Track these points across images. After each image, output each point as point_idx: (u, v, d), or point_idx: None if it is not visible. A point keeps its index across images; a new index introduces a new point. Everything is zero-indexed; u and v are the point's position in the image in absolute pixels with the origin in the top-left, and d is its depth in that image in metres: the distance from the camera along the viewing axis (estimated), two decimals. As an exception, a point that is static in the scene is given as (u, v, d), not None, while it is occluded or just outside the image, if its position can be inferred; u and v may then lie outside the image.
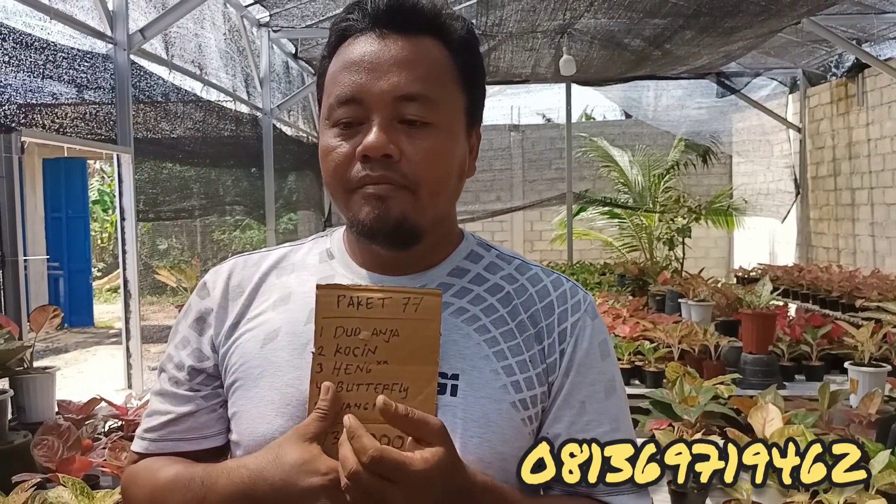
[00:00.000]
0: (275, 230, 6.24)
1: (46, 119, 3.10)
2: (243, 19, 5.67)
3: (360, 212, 0.91)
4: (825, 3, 4.97)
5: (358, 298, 0.85)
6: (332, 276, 0.99)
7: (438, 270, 0.99)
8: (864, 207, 7.15)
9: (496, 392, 0.92)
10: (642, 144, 10.68)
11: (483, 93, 1.02)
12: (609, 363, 0.98)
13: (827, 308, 4.95)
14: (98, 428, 2.29)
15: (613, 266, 7.23)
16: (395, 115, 0.90)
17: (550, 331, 0.96)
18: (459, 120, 0.96)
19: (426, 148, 0.90)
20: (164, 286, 4.18)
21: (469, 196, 11.18)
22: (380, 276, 0.97)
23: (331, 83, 0.94)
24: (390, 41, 0.92)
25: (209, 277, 1.04)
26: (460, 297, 0.97)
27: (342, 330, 0.85)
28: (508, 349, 0.94)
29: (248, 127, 5.94)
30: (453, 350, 0.92)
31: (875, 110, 6.93)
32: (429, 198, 0.92)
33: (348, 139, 0.91)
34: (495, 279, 0.99)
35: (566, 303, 0.98)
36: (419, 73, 0.91)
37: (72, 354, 8.30)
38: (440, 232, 0.99)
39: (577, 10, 5.50)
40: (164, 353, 1.04)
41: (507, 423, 0.91)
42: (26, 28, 2.99)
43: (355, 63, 0.92)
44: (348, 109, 0.91)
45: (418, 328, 0.85)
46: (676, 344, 3.34)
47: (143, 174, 4.02)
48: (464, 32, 0.97)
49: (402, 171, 0.90)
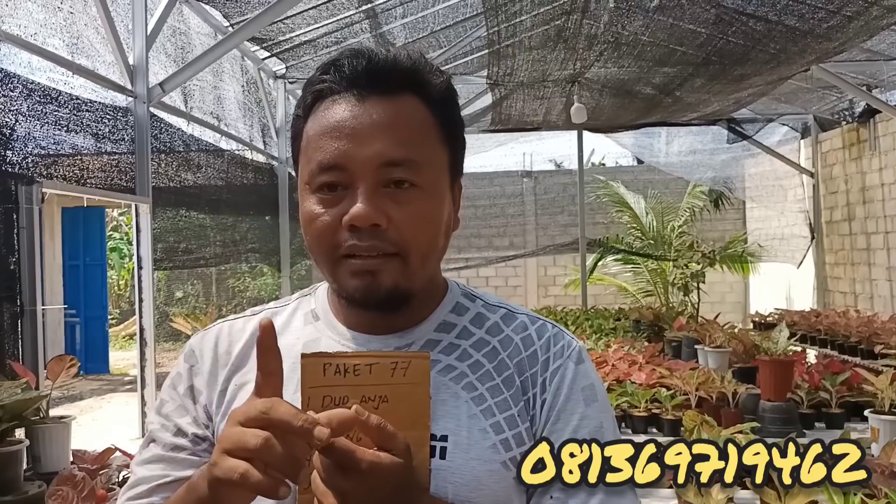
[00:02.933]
0: (289, 276, 6.28)
1: (67, 170, 3.17)
2: (260, 72, 5.81)
3: (347, 284, 0.89)
4: (833, 51, 5.03)
5: (345, 366, 0.82)
6: (318, 338, 0.96)
7: (426, 327, 0.96)
8: (880, 252, 7.10)
9: (486, 452, 0.89)
10: (655, 191, 10.72)
11: (463, 144, 0.99)
12: (596, 409, 0.93)
13: (845, 353, 4.88)
14: (112, 478, 2.28)
15: (628, 311, 7.19)
16: (380, 180, 0.88)
17: (535, 381, 0.93)
18: (444, 178, 0.94)
19: (413, 213, 0.88)
20: (179, 333, 4.20)
21: (482, 241, 11.23)
22: (366, 335, 0.95)
23: (311, 148, 0.91)
24: (370, 104, 0.89)
25: (195, 344, 1.01)
26: (447, 353, 0.94)
27: (330, 399, 0.82)
28: (496, 405, 0.91)
29: (264, 175, 6.04)
30: (441, 410, 0.89)
31: (888, 155, 6.94)
32: (419, 262, 0.90)
33: (332, 206, 0.88)
34: (481, 333, 0.97)
35: (549, 351, 0.95)
36: (402, 136, 0.88)
37: (87, 402, 8.30)
38: (428, 289, 0.97)
39: (587, 59, 5.59)
40: (153, 416, 1.00)
41: (499, 484, 0.88)
42: (50, 83, 3.08)
43: (336, 128, 0.88)
44: (331, 175, 0.88)
45: (407, 393, 0.83)
46: (693, 391, 3.30)
47: (161, 223, 4.08)
48: (443, 87, 0.94)
49: (390, 239, 0.87)
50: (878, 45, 5.54)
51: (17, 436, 2.30)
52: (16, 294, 2.65)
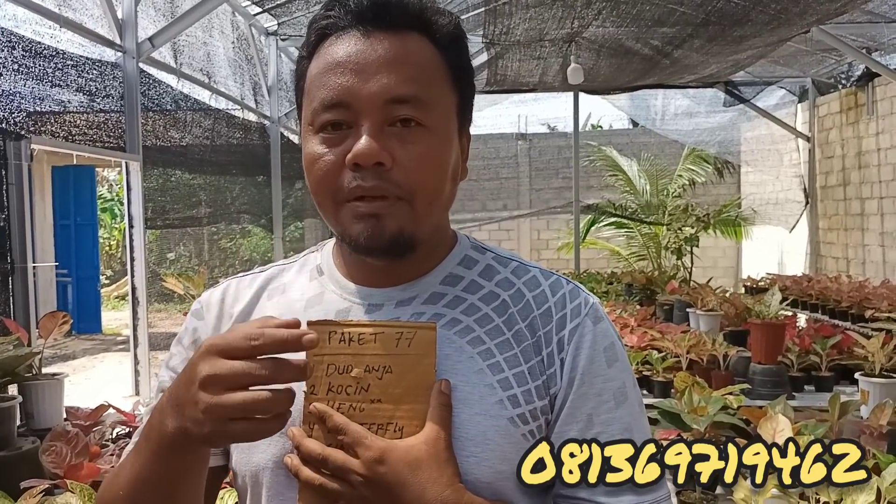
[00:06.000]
0: (282, 238, 6.26)
1: (55, 127, 3.12)
2: (252, 28, 5.70)
3: (351, 228, 0.87)
4: (835, 11, 4.96)
5: (349, 334, 0.82)
6: (322, 293, 0.95)
7: (430, 279, 0.93)
8: (873, 217, 7.11)
9: (492, 408, 0.86)
10: (650, 154, 10.68)
11: (473, 91, 0.96)
12: (617, 369, 0.91)
13: (836, 319, 4.92)
14: (106, 434, 2.29)
15: (621, 275, 7.22)
16: (386, 118, 0.85)
17: (549, 340, 0.90)
18: (452, 121, 0.90)
19: (420, 153, 0.85)
20: (171, 294, 4.19)
21: (476, 204, 11.20)
22: (369, 289, 0.93)
23: (313, 86, 0.88)
24: (376, 40, 0.86)
25: (204, 299, 1.01)
26: (453, 307, 0.91)
27: (334, 367, 0.81)
28: (505, 361, 0.88)
29: (255, 135, 5.97)
30: (445, 364, 0.86)
31: (885, 119, 6.91)
32: (425, 207, 0.87)
33: (335, 146, 0.86)
34: (490, 286, 0.93)
35: (564, 308, 0.91)
36: (409, 73, 0.85)
37: (80, 361, 8.32)
38: (434, 239, 0.94)
39: (585, 18, 5.50)
40: (162, 370, 1.00)
41: (506, 440, 0.86)
42: (36, 36, 3.01)
43: (340, 64, 0.85)
44: (334, 113, 0.85)
45: (412, 364, 0.82)
46: (685, 354, 3.32)
47: (151, 182, 4.04)
48: (452, 28, 0.91)
49: (395, 180, 0.84)
50: (879, 6, 5.46)
51: (10, 392, 2.30)
52: (6, 251, 2.62)
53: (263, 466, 0.88)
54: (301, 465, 0.81)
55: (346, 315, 0.91)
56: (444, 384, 0.84)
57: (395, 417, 0.82)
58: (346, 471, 0.79)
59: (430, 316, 0.90)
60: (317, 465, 0.80)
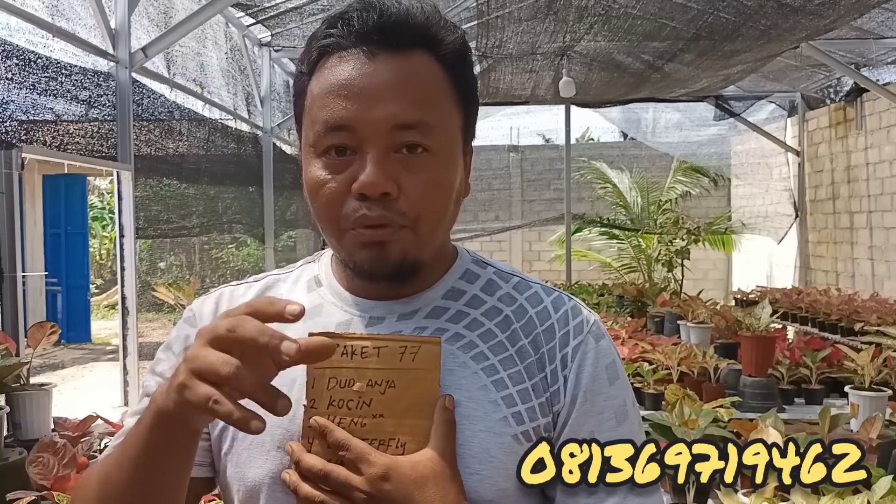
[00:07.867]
0: (273, 248, 6.24)
1: (48, 136, 3.11)
2: (245, 38, 5.71)
3: (356, 255, 0.85)
4: (824, 28, 5.01)
5: (352, 347, 0.80)
6: (321, 305, 0.93)
7: (433, 293, 0.92)
8: (862, 231, 7.16)
9: (496, 425, 0.85)
10: (640, 166, 10.73)
11: (477, 107, 0.94)
12: (618, 387, 0.91)
13: (826, 331, 4.94)
14: (94, 445, 2.27)
15: (612, 287, 7.23)
16: (392, 144, 0.83)
17: (552, 357, 0.89)
18: (457, 142, 0.89)
19: (425, 181, 0.84)
20: (161, 303, 4.17)
21: (468, 215, 11.21)
22: (370, 301, 0.91)
23: (315, 106, 0.85)
24: (380, 62, 0.83)
25: (196, 307, 0.98)
26: (456, 322, 0.90)
27: (335, 381, 0.79)
28: (509, 377, 0.87)
29: (248, 145, 5.97)
30: (448, 380, 0.85)
31: (873, 134, 6.97)
32: (429, 233, 0.86)
33: (340, 172, 0.84)
34: (493, 301, 0.92)
35: (567, 325, 0.91)
36: (415, 96, 0.83)
37: (68, 370, 8.26)
38: (436, 256, 0.92)
39: (577, 32, 5.54)
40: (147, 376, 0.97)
41: (510, 457, 0.84)
42: (29, 45, 3.01)
43: (344, 86, 0.83)
44: (339, 137, 0.83)
45: (416, 379, 0.80)
46: (675, 366, 3.32)
47: (143, 191, 4.03)
48: (458, 44, 0.88)
49: (400, 209, 0.83)
50: (867, 23, 5.53)
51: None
52: (-5, 260, 2.61)
53: (260, 482, 0.86)
54: (300, 482, 0.79)
55: (346, 327, 0.90)
56: (448, 400, 0.83)
57: (398, 433, 0.80)
58: (348, 487, 0.77)
59: (432, 330, 0.89)
60: (316, 482, 0.78)
